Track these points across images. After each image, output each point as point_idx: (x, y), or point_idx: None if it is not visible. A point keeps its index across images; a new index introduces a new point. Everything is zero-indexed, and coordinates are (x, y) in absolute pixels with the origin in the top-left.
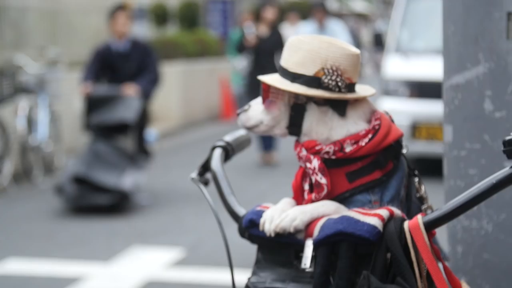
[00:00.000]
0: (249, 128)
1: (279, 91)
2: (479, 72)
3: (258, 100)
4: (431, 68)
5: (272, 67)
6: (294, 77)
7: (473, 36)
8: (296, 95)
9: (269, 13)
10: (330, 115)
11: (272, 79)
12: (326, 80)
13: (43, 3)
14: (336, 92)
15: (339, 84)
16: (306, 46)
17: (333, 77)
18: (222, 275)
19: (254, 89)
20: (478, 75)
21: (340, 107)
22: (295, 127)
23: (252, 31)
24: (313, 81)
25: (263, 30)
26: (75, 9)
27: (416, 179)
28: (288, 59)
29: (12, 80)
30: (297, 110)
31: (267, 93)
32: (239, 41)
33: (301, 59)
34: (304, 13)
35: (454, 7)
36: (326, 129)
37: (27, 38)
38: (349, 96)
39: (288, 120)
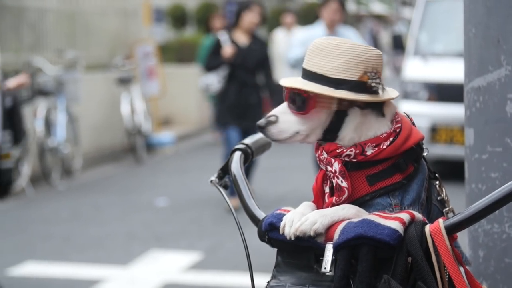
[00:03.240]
0: (280, 141)
1: (325, 99)
2: (501, 74)
3: (283, 110)
4: (450, 71)
5: (253, 85)
6: (338, 83)
7: (495, 39)
8: (340, 101)
9: (251, 17)
10: (369, 118)
11: (316, 87)
12: (372, 84)
13: (61, 5)
14: (380, 95)
15: (382, 86)
16: (345, 51)
17: (377, 80)
18: (240, 279)
19: (233, 111)
20: (500, 77)
21: (379, 109)
22: (332, 133)
23: (226, 39)
24: (359, 86)
25: (242, 38)
26: (94, 11)
27: (437, 182)
28: (324, 64)
29: (30, 82)
30: (340, 116)
31: (313, 102)
32: (210, 52)
33: (343, 64)
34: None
35: (476, 9)
36: (363, 132)
37: (45, 40)
38: (388, 97)
39: (328, 127)
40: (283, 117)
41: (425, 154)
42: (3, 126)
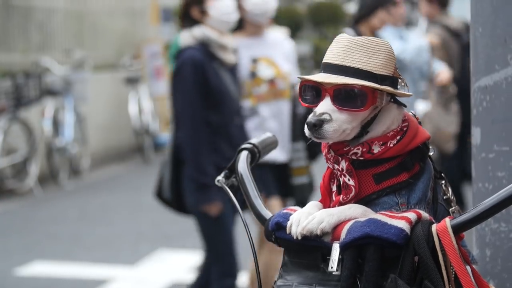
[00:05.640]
0: (329, 140)
1: (379, 95)
2: (507, 74)
3: (330, 107)
4: None
5: None
6: (381, 79)
7: (501, 38)
8: (382, 97)
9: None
10: (396, 111)
11: (370, 83)
12: (402, 79)
13: (69, 5)
14: (406, 90)
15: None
16: (383, 47)
17: (402, 76)
18: (247, 278)
19: None
20: (506, 77)
21: (401, 104)
22: (365, 128)
23: None
24: (395, 81)
25: None
26: (101, 11)
27: (443, 182)
28: (368, 61)
29: (38, 82)
30: (379, 111)
31: (372, 99)
32: None
33: (384, 61)
34: (330, 15)
35: (482, 8)
36: (391, 125)
37: (53, 40)
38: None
39: (366, 123)
40: (334, 115)
41: (431, 153)
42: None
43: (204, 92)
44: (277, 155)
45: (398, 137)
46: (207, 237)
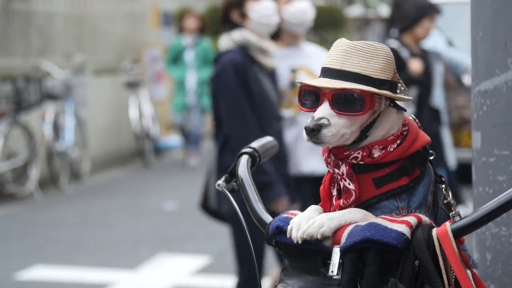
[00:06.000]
0: (327, 144)
1: (377, 100)
2: (508, 78)
3: (328, 112)
4: None
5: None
6: (380, 84)
7: (502, 42)
8: (380, 101)
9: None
10: (396, 116)
11: (368, 88)
12: (400, 83)
13: (69, 9)
14: (406, 95)
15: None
16: (381, 51)
17: (401, 80)
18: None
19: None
20: (507, 81)
21: (400, 108)
22: (364, 132)
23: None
24: (394, 85)
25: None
26: (102, 15)
27: (443, 186)
28: (366, 65)
29: (38, 86)
30: (378, 115)
31: (370, 103)
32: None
33: (382, 65)
34: (330, 19)
35: (483, 12)
36: (391, 130)
37: (53, 45)
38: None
39: (365, 128)
40: (333, 119)
41: (431, 157)
42: None
43: (246, 95)
44: (316, 167)
45: (398, 141)
46: (239, 243)
